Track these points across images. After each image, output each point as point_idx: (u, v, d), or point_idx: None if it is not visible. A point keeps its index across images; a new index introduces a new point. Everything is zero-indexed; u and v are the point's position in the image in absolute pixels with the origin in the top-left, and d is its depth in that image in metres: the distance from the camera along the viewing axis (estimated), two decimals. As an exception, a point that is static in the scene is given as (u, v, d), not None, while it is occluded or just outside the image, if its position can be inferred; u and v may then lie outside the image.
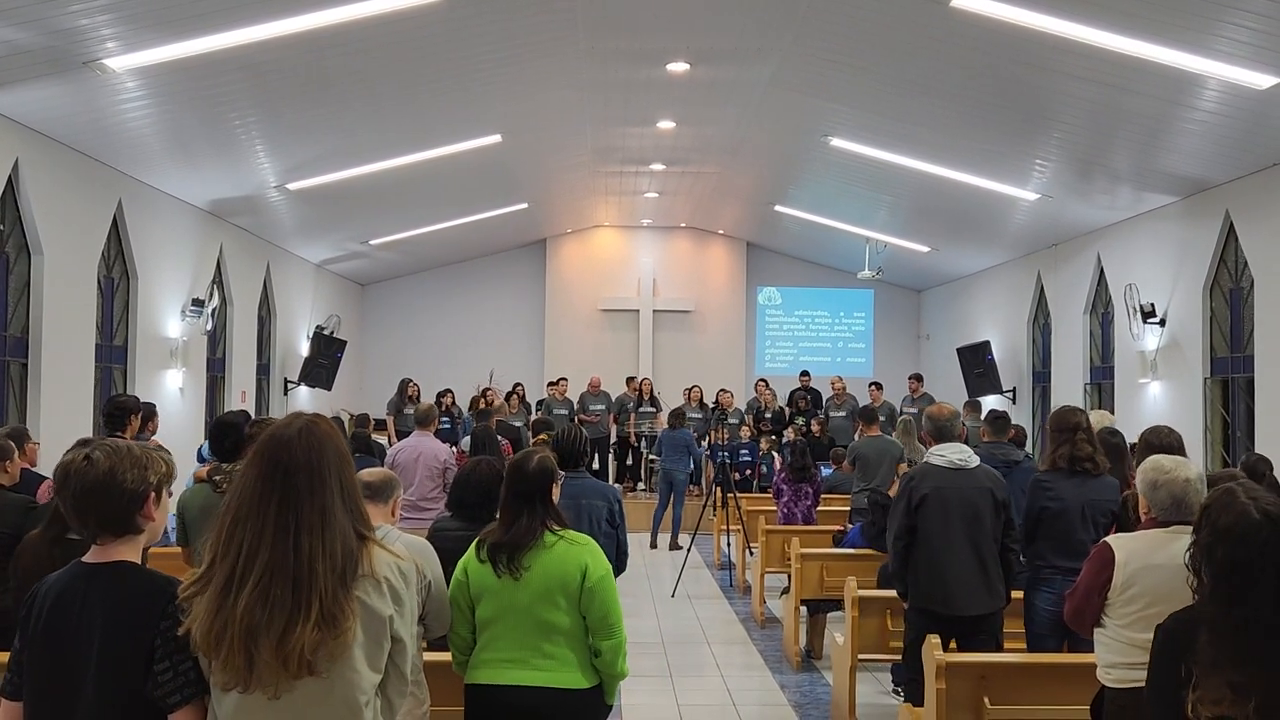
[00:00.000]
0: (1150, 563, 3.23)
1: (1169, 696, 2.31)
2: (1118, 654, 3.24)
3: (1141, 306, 10.57)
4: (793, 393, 14.82)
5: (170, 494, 2.39)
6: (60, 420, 8.40)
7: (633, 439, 14.83)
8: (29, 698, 2.21)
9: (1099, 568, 3.31)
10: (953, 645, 4.76)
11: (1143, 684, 3.12)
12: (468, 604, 3.33)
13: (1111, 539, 3.40)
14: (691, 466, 12.75)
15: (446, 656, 3.64)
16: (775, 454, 13.10)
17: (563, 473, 4.33)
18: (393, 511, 3.65)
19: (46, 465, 6.59)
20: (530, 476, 3.40)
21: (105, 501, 2.22)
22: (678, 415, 12.59)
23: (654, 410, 14.75)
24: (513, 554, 3.27)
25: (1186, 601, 3.09)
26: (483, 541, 3.36)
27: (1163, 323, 10.44)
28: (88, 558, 2.26)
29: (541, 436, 6.50)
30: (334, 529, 2.18)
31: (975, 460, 4.94)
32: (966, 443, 5.63)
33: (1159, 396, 10.57)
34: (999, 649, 4.75)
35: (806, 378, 15.12)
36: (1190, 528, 3.27)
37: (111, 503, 2.22)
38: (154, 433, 6.65)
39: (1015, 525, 4.91)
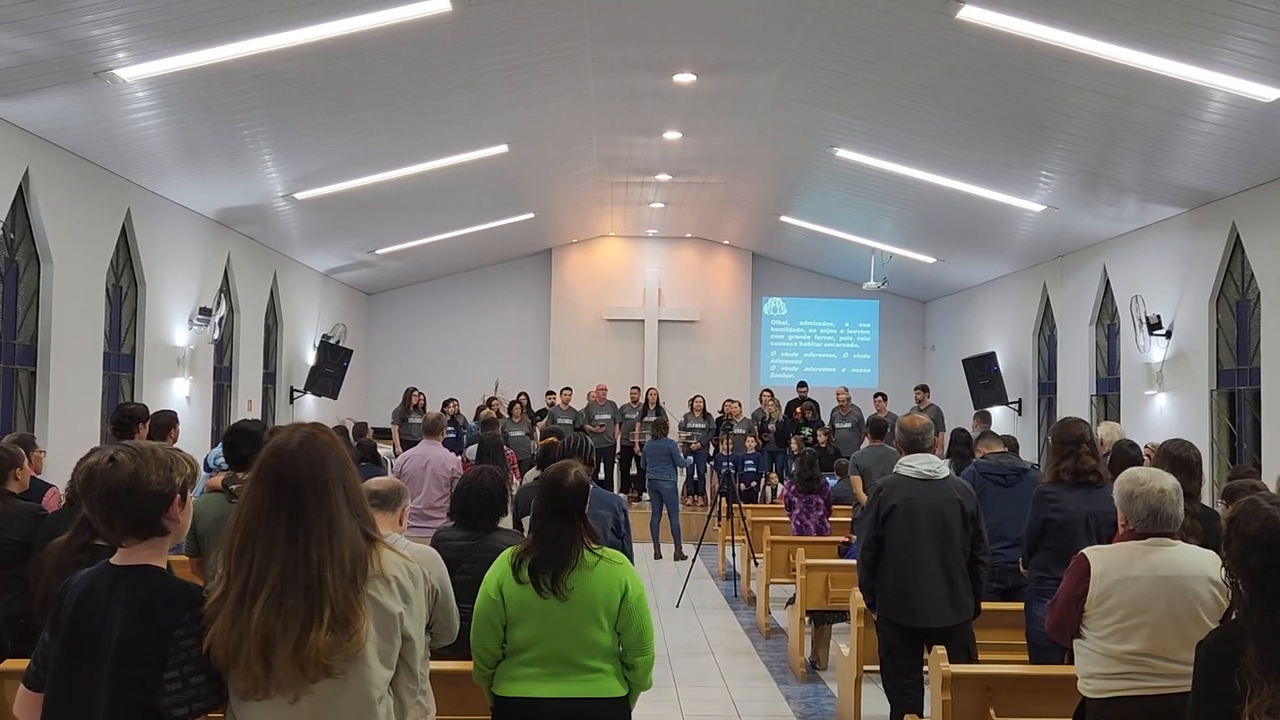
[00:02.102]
0: (1128, 575, 3.22)
1: (1220, 712, 2.29)
2: (1096, 665, 3.24)
3: (1147, 318, 10.56)
4: (790, 403, 14.78)
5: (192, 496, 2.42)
6: (68, 428, 8.43)
7: (637, 449, 14.82)
8: (50, 691, 2.25)
9: (1076, 579, 3.32)
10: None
11: (1122, 695, 3.13)
12: (501, 622, 3.29)
13: (1088, 550, 3.39)
14: (679, 476, 12.69)
15: (453, 665, 3.65)
16: (780, 486, 12.96)
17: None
18: (400, 520, 3.66)
19: (53, 473, 6.63)
20: (568, 492, 3.36)
21: (131, 504, 2.24)
22: (660, 426, 12.62)
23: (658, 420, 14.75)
24: (556, 575, 3.24)
25: (1165, 614, 3.11)
26: (520, 561, 3.30)
27: (1169, 335, 10.43)
28: (115, 559, 2.29)
29: (551, 439, 6.51)
30: (341, 536, 2.25)
31: (945, 471, 4.96)
32: (973, 453, 5.64)
33: (1165, 408, 10.55)
34: (971, 660, 4.75)
35: (804, 388, 15.10)
36: (1168, 540, 3.29)
37: (137, 505, 2.24)
38: (174, 441, 6.67)
39: (985, 537, 4.92)
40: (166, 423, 6.53)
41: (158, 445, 2.36)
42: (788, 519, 9.33)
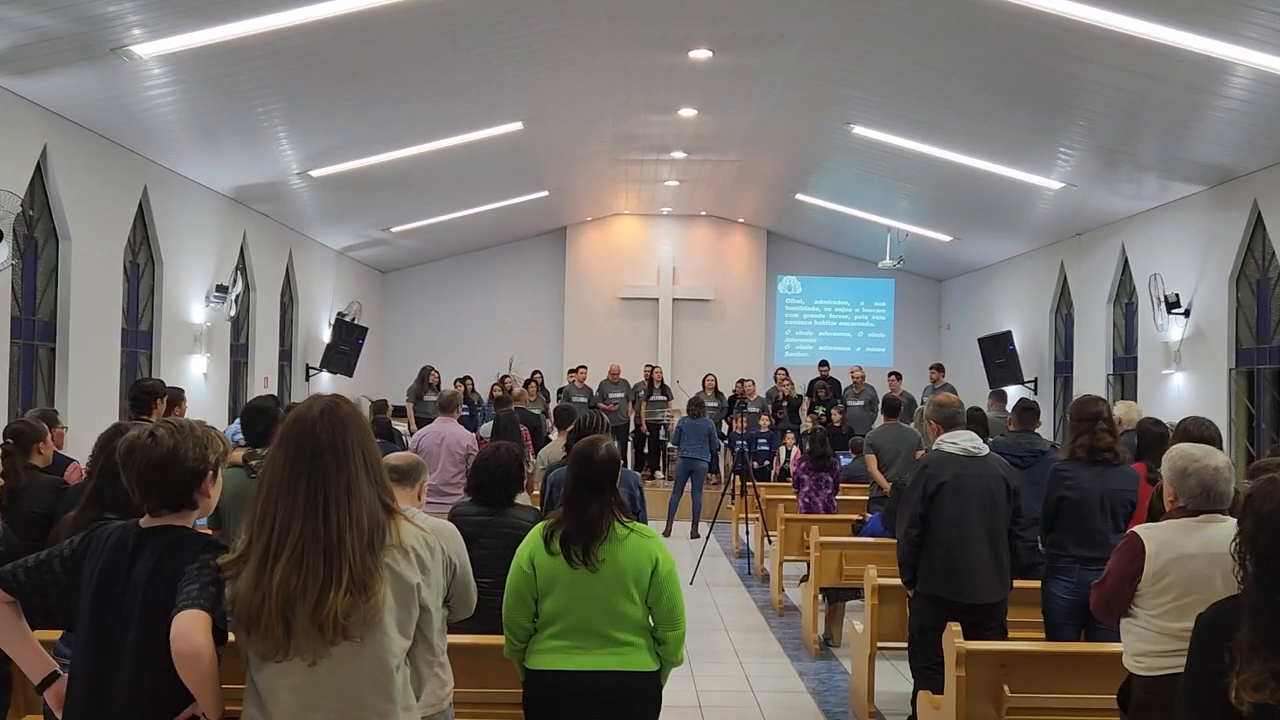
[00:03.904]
0: (1182, 552, 3.22)
1: (1209, 684, 2.32)
2: (1150, 643, 3.23)
3: (1166, 297, 10.48)
4: (812, 382, 14.79)
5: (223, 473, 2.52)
6: (87, 404, 8.51)
7: (644, 427, 14.83)
8: (81, 641, 2.34)
9: (1129, 558, 3.30)
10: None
11: (1175, 672, 3.12)
12: (532, 595, 3.33)
13: (1140, 529, 3.38)
14: (710, 455, 12.74)
15: (473, 639, 3.67)
16: (796, 448, 13.04)
17: None
18: (419, 496, 3.68)
19: (73, 448, 6.69)
20: (598, 465, 3.38)
21: (167, 478, 2.37)
22: (697, 404, 12.58)
23: (665, 399, 14.74)
24: (587, 546, 3.27)
25: (1220, 590, 3.09)
26: (552, 533, 3.33)
27: (1187, 313, 10.35)
28: (143, 523, 2.41)
29: (570, 427, 6.50)
30: (360, 501, 2.30)
31: (986, 448, 4.96)
32: (988, 433, 5.62)
33: (1183, 388, 10.49)
34: (1004, 636, 4.76)
35: (825, 367, 15.10)
36: (1220, 516, 3.27)
37: (173, 479, 2.38)
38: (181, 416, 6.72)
39: (1023, 513, 4.93)
40: (172, 399, 6.60)
41: (195, 423, 2.48)
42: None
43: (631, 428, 15.07)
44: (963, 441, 4.90)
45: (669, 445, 14.33)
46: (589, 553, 3.26)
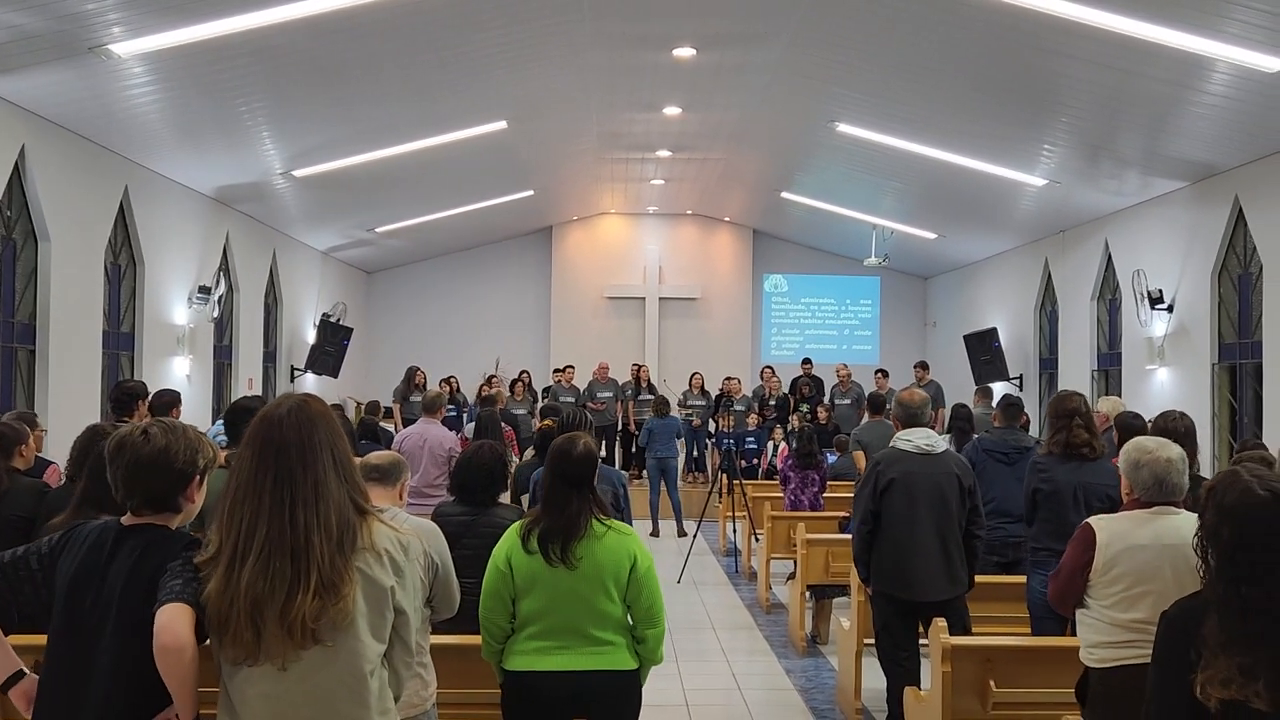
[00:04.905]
0: (1133, 543, 3.22)
1: (1178, 683, 2.28)
2: (1102, 634, 3.23)
3: (1149, 292, 10.53)
4: (795, 380, 14.82)
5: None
6: (68, 407, 8.43)
7: (632, 427, 14.82)
8: (53, 638, 2.30)
9: (1081, 549, 3.31)
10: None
11: (1127, 663, 3.12)
12: (510, 595, 3.29)
13: (1093, 520, 3.38)
14: (680, 452, 12.79)
15: (456, 640, 3.65)
16: (784, 443, 13.05)
17: None
18: (400, 495, 3.65)
19: (54, 451, 6.63)
20: (576, 462, 3.36)
21: (154, 477, 2.34)
22: (663, 403, 12.65)
23: (652, 398, 14.74)
24: (566, 543, 3.24)
25: (1170, 580, 3.11)
26: (530, 531, 3.30)
27: (1170, 309, 10.41)
28: (124, 520, 2.38)
29: (548, 422, 6.50)
30: (328, 501, 2.26)
31: (942, 445, 5.00)
32: (973, 429, 5.63)
33: (1166, 383, 10.54)
34: (966, 632, 4.77)
35: (809, 365, 15.12)
36: (1173, 508, 3.28)
37: (160, 479, 2.34)
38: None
39: (981, 511, 4.97)
40: (169, 401, 6.52)
41: (189, 425, 2.44)
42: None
43: (619, 427, 15.04)
44: (917, 439, 4.92)
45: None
46: (567, 550, 3.23)
